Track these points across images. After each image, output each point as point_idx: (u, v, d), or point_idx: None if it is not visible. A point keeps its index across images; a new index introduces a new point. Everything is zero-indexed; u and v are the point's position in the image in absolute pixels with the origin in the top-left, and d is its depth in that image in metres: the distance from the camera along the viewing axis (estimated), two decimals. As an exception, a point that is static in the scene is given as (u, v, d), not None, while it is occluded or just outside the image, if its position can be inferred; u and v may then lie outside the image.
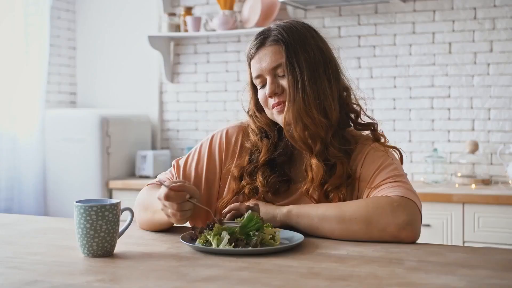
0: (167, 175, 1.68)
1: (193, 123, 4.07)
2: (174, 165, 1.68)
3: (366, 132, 1.63)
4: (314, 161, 1.53)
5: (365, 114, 1.63)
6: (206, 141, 1.68)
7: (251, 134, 1.64)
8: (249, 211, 1.39)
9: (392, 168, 1.51)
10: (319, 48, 1.57)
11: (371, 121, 1.63)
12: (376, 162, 1.53)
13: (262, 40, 1.57)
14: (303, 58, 1.53)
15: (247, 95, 1.67)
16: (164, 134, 4.15)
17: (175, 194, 1.38)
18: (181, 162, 1.68)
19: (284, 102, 1.54)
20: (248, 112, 1.66)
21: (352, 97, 1.62)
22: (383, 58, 3.57)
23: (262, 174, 1.57)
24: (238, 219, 1.39)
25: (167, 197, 1.38)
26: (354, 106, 1.62)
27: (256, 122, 1.63)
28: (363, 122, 1.62)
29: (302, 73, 1.52)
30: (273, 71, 1.54)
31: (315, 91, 1.52)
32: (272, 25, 1.60)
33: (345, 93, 1.61)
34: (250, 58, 1.59)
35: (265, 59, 1.55)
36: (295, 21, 1.61)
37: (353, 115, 1.62)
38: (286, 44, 1.53)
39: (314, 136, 1.53)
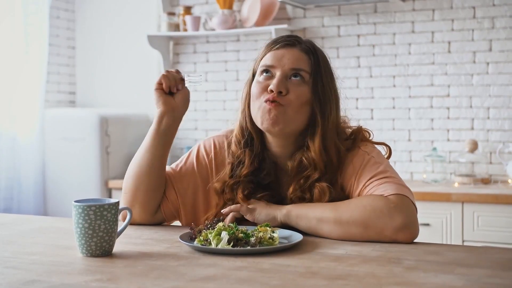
0: None
1: (192, 123, 4.06)
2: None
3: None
4: (323, 184, 1.49)
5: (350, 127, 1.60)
6: (194, 150, 1.66)
7: (233, 145, 1.58)
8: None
9: (372, 162, 1.49)
10: (335, 84, 1.57)
11: (355, 127, 1.59)
12: (354, 163, 1.50)
13: (293, 41, 1.53)
14: (331, 85, 1.53)
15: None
16: (163, 133, 4.13)
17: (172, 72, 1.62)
18: (173, 166, 1.68)
19: (281, 105, 1.47)
20: (242, 111, 1.58)
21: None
22: (383, 57, 3.57)
23: (242, 189, 1.53)
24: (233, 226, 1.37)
25: (167, 71, 1.61)
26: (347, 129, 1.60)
27: (247, 122, 1.56)
28: (351, 138, 1.57)
29: (330, 98, 1.52)
30: (289, 71, 1.50)
31: (337, 119, 1.54)
32: (305, 39, 1.58)
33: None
34: (270, 49, 1.53)
35: (288, 57, 1.51)
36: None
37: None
38: (314, 58, 1.52)
39: (329, 159, 1.50)
